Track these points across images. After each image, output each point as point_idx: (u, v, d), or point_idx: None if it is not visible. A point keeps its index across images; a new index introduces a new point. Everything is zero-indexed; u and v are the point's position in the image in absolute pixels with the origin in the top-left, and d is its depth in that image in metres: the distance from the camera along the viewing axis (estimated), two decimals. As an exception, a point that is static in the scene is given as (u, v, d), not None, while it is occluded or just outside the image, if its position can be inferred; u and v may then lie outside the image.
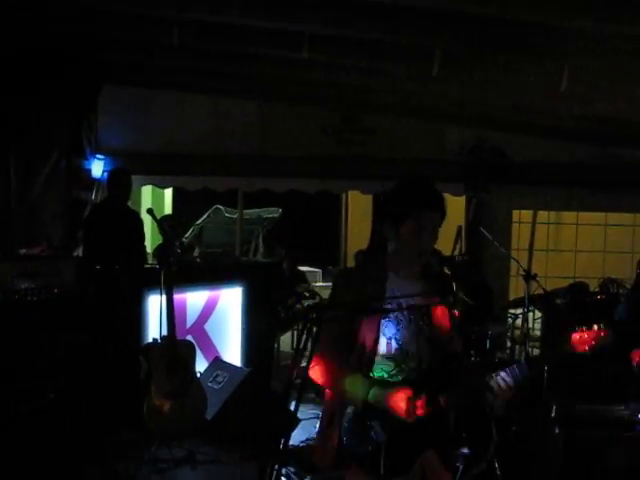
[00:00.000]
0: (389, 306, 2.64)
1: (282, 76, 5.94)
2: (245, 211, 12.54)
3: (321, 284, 10.49)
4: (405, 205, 2.58)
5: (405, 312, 2.64)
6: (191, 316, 5.59)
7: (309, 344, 2.29)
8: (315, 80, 6.00)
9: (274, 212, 13.55)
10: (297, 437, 4.98)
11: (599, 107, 5.31)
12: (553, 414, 4.27)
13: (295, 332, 8.66)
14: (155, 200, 9.48)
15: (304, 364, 2.35)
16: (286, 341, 8.24)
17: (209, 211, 13.07)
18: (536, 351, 6.15)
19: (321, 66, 5.49)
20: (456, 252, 5.70)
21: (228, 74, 6.14)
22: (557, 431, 4.14)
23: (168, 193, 9.89)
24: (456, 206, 7.25)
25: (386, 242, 2.70)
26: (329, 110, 7.17)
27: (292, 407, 2.49)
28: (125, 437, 4.86)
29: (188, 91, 7.07)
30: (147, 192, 8.82)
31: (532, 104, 5.61)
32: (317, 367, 2.59)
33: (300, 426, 5.05)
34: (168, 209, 9.96)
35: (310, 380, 2.54)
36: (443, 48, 4.53)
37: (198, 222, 12.84)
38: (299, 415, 4.62)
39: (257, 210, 13.18)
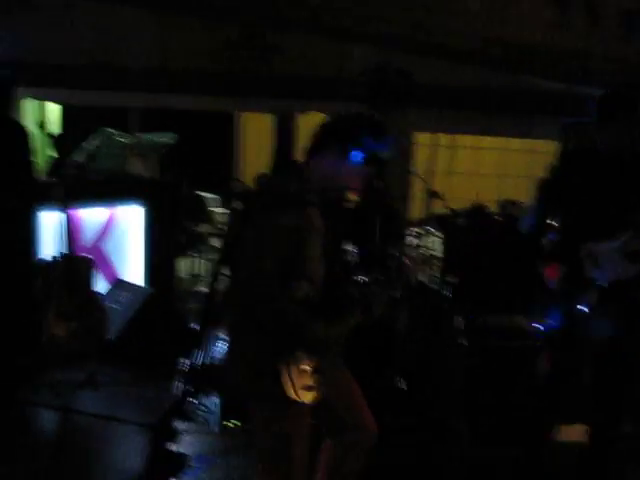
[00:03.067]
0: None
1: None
2: (138, 135, 12.01)
3: (220, 210, 10.28)
4: (360, 140, 2.57)
5: (315, 231, 2.58)
6: (89, 234, 5.33)
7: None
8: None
9: (169, 137, 13.04)
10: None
11: (508, 31, 5.34)
12: (458, 325, 4.40)
13: (194, 258, 8.50)
14: (40, 117, 8.83)
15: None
16: (183, 267, 8.07)
17: (100, 134, 12.41)
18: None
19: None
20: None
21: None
22: (463, 342, 4.27)
23: (55, 111, 9.24)
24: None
25: (289, 162, 2.69)
26: (232, 24, 6.86)
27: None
28: (22, 361, 4.63)
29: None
30: (32, 108, 8.19)
31: (440, 24, 5.57)
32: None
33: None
34: (55, 127, 9.32)
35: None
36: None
37: (89, 146, 12.17)
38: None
39: (150, 135, 12.65)
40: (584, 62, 5.62)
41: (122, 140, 12.84)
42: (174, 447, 3.62)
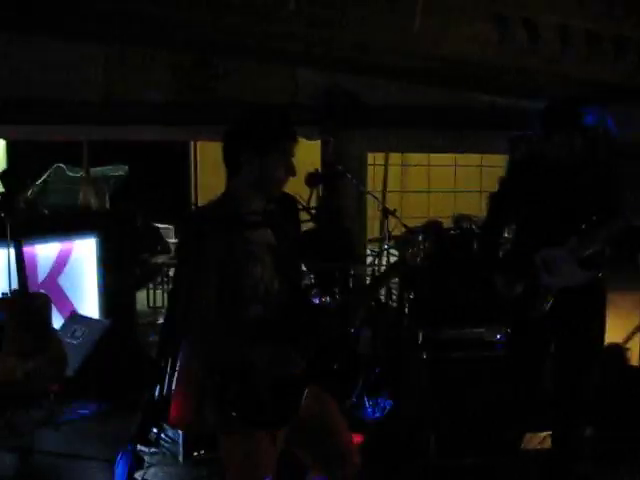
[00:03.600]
0: (252, 245, 2.59)
1: (129, 13, 5.59)
2: (90, 169, 11.90)
3: (174, 240, 10.22)
4: (273, 135, 2.57)
5: (265, 249, 2.60)
6: (42, 270, 5.24)
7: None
8: (164, 17, 5.71)
9: (120, 169, 12.95)
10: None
11: (447, 48, 5.46)
12: (419, 340, 4.43)
13: (151, 290, 8.42)
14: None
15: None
16: (141, 300, 7.99)
17: (50, 169, 12.26)
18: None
19: (169, 3, 5.24)
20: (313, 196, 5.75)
21: (67, 12, 5.67)
22: (424, 356, 4.30)
23: (1, 146, 9.11)
24: (310, 150, 7.27)
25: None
26: (179, 52, 6.86)
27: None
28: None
29: (20, 29, 6.47)
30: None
31: (384, 44, 5.66)
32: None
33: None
34: (1, 165, 9.19)
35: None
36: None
37: (38, 182, 12.02)
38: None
39: (102, 168, 12.53)
40: (526, 77, 5.78)
41: (73, 174, 12.69)
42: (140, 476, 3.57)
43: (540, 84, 5.75)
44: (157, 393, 4.12)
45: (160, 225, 9.05)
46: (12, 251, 4.33)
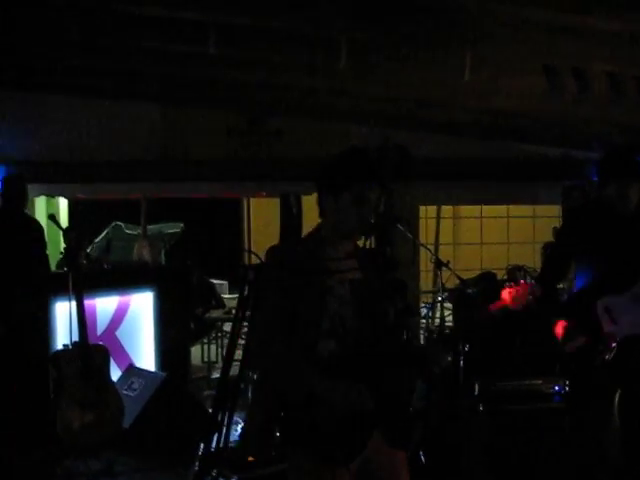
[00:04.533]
0: (332, 281, 2.59)
1: (184, 76, 5.83)
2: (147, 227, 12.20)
3: (228, 296, 10.33)
4: (347, 174, 2.54)
5: (347, 286, 2.58)
6: (101, 323, 5.37)
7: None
8: (219, 80, 5.93)
9: (176, 227, 13.24)
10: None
11: (498, 101, 5.50)
12: (476, 392, 4.35)
13: (205, 344, 8.48)
14: (49, 212, 9.02)
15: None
16: (196, 354, 8.04)
17: (108, 228, 12.62)
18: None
19: (225, 64, 5.43)
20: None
21: (126, 73, 5.94)
22: (481, 408, 4.22)
23: (63, 205, 9.45)
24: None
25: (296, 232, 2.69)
26: (234, 111, 7.09)
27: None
28: (37, 454, 4.59)
29: (83, 94, 6.80)
30: (41, 203, 8.39)
31: (435, 98, 5.74)
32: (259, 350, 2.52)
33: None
34: (64, 223, 9.49)
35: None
36: (348, 37, 4.55)
37: (97, 240, 12.36)
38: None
39: (158, 226, 12.84)
40: (577, 127, 5.76)
41: (130, 232, 13.03)
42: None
43: (591, 133, 5.72)
44: (214, 445, 4.13)
45: (214, 280, 9.16)
46: (73, 304, 4.46)
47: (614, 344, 3.47)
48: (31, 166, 6.80)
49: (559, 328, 3.63)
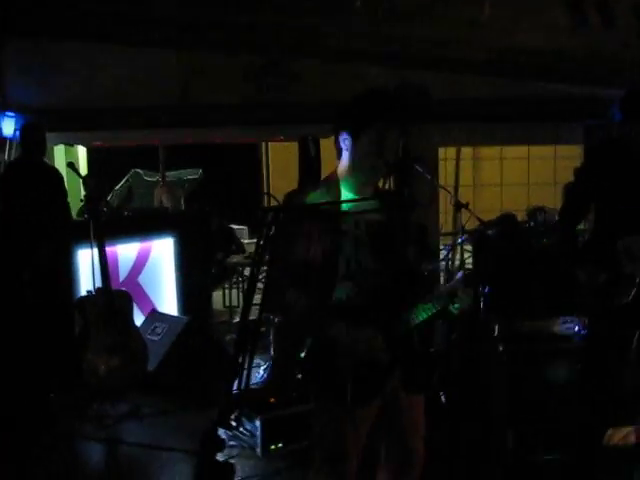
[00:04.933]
0: (347, 224, 2.56)
1: (197, 20, 5.74)
2: (166, 173, 12.20)
3: (248, 241, 10.37)
4: (367, 114, 2.48)
5: (363, 228, 2.55)
6: (123, 269, 5.44)
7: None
8: (232, 23, 5.83)
9: (195, 173, 13.23)
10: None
11: (519, 38, 5.36)
12: (496, 333, 4.36)
13: (227, 289, 8.56)
14: (69, 160, 9.04)
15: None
16: (217, 299, 8.12)
17: (127, 175, 12.65)
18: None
19: (239, 6, 5.34)
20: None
21: (140, 20, 5.86)
22: (501, 349, 4.23)
23: (82, 154, 9.45)
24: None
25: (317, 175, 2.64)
26: (249, 55, 6.99)
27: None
28: (65, 398, 4.72)
29: (98, 41, 6.73)
30: (60, 152, 8.41)
31: (453, 36, 5.61)
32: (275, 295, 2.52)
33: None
34: (83, 171, 9.52)
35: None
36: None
37: (117, 187, 12.42)
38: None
39: (177, 172, 12.85)
40: (602, 64, 5.61)
41: (149, 179, 13.06)
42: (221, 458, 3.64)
43: (617, 70, 5.57)
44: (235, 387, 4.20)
45: (234, 226, 9.20)
46: (95, 251, 4.51)
47: (634, 284, 3.46)
48: (48, 114, 6.77)
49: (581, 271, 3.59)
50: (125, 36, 6.41)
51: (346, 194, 2.58)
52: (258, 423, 4.20)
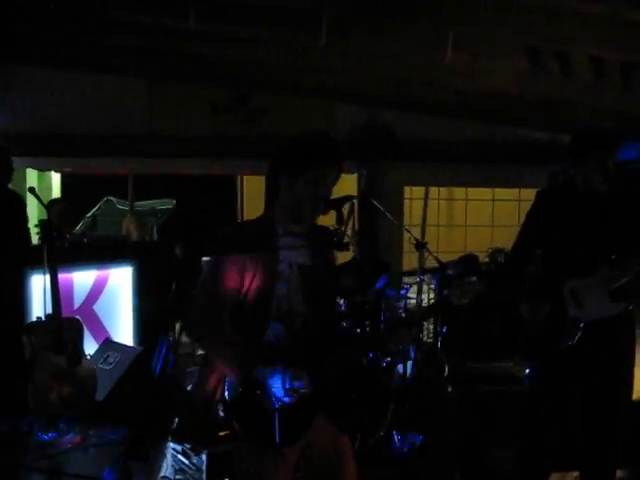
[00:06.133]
0: (281, 265, 2.59)
1: (166, 51, 5.79)
2: (138, 203, 12.16)
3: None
4: (307, 156, 2.54)
5: (295, 271, 2.59)
6: (78, 296, 5.38)
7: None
8: (203, 55, 5.89)
9: (168, 203, 13.23)
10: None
11: (482, 81, 5.46)
12: (446, 373, 4.37)
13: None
14: (42, 186, 9.00)
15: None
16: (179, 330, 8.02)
17: (100, 202, 12.61)
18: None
19: (208, 39, 5.39)
20: (349, 228, 5.75)
21: (108, 46, 5.89)
22: (450, 389, 4.24)
23: (56, 179, 9.43)
24: (348, 184, 7.31)
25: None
26: (219, 88, 7.05)
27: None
28: (9, 423, 4.63)
29: (67, 67, 6.76)
30: (33, 177, 8.38)
31: (417, 77, 5.70)
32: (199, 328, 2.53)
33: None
34: (56, 195, 9.48)
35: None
36: (330, 13, 4.52)
37: (89, 214, 12.37)
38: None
39: (150, 202, 12.83)
40: (560, 110, 5.73)
41: (123, 207, 13.02)
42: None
43: (577, 117, 5.68)
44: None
45: (203, 257, 9.15)
46: (47, 277, 4.46)
47: (579, 328, 3.47)
48: (15, 139, 6.76)
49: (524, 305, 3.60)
50: (92, 62, 6.43)
51: (279, 233, 2.61)
52: (204, 457, 4.14)
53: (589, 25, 4.41)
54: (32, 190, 5.34)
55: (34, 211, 6.79)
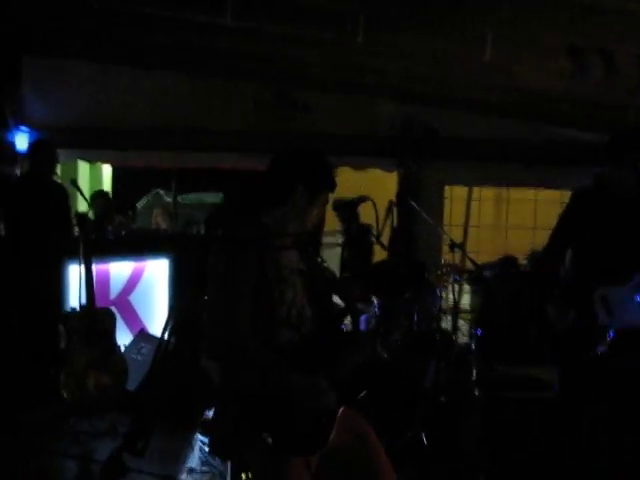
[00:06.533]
0: (286, 270, 2.60)
1: (204, 47, 5.84)
2: (186, 196, 12.34)
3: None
4: (326, 181, 2.64)
5: (297, 275, 2.61)
6: (115, 287, 5.48)
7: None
8: (244, 52, 5.92)
9: (215, 197, 13.39)
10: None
11: (522, 80, 5.35)
12: (473, 377, 4.31)
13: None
14: (93, 178, 9.23)
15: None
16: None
17: (148, 195, 12.85)
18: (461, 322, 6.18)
19: (248, 36, 5.42)
20: (387, 226, 5.72)
21: (153, 43, 5.98)
22: (477, 393, 4.18)
23: (107, 171, 9.64)
24: (388, 182, 7.26)
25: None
26: (261, 84, 7.08)
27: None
28: (43, 412, 4.75)
29: (111, 62, 6.90)
30: (84, 169, 8.58)
31: (458, 76, 5.62)
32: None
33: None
34: (107, 187, 9.70)
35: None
36: (368, 13, 4.49)
37: (138, 206, 12.62)
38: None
39: (198, 195, 13.01)
40: (604, 111, 5.57)
41: (170, 200, 13.22)
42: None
43: (621, 118, 5.52)
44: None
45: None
46: (84, 268, 4.56)
47: (609, 336, 3.37)
48: (65, 131, 6.94)
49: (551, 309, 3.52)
50: (138, 58, 6.54)
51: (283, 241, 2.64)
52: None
53: (634, 23, 4.28)
54: (74, 182, 5.47)
55: (83, 203, 6.97)
